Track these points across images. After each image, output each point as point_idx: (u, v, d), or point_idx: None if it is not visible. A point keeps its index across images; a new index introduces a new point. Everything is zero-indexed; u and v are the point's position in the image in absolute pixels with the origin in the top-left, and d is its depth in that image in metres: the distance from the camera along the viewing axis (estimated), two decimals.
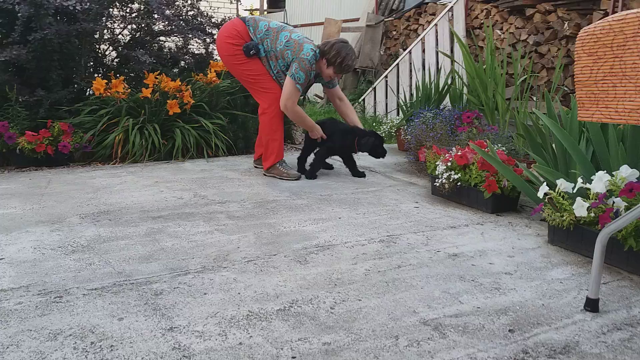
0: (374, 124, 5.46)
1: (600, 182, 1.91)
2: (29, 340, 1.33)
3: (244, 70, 3.26)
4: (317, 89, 9.33)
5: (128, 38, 4.54)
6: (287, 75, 3.17)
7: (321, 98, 8.31)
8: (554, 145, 2.50)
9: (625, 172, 1.91)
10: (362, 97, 6.25)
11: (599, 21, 1.44)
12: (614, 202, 1.89)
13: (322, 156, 3.39)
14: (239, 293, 1.63)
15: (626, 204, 1.86)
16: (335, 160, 3.82)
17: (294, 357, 1.27)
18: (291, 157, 4.08)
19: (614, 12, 4.06)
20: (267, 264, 1.87)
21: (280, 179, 3.29)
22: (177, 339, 1.35)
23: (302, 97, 3.70)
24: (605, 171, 1.94)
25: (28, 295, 1.59)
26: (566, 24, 4.52)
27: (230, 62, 3.29)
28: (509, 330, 1.40)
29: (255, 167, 3.64)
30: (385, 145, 3.46)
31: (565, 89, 4.45)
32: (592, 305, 1.53)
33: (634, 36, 1.35)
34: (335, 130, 3.38)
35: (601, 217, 1.86)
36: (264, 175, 3.38)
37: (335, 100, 3.53)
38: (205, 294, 1.62)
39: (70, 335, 1.36)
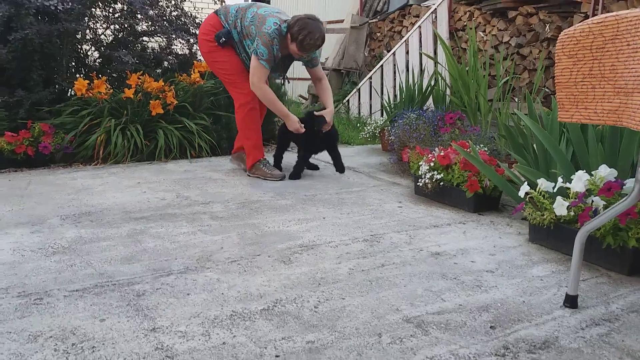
0: (358, 124, 5.48)
1: (579, 181, 1.94)
2: (9, 343, 1.32)
3: (219, 68, 3.26)
4: (302, 89, 9.33)
5: (111, 38, 4.49)
6: (252, 54, 3.09)
7: (305, 99, 8.32)
8: (534, 146, 2.53)
9: (604, 172, 1.94)
10: (347, 98, 6.27)
11: (578, 24, 1.47)
12: (593, 201, 1.92)
13: (304, 156, 3.37)
14: (222, 293, 1.62)
15: (605, 203, 1.89)
16: (320, 160, 3.82)
17: (277, 356, 1.27)
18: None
19: (593, 15, 4.13)
20: (250, 264, 1.87)
21: (264, 179, 3.27)
22: (160, 340, 1.34)
23: (281, 78, 3.60)
24: (584, 171, 1.98)
25: (7, 297, 1.57)
26: (547, 27, 4.59)
27: (208, 60, 3.29)
28: (490, 327, 1.42)
29: (230, 161, 3.61)
30: (369, 146, 3.48)
31: (547, 90, 4.52)
32: (571, 302, 1.55)
33: (612, 39, 1.37)
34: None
35: (580, 216, 1.90)
36: (248, 175, 3.37)
37: (315, 81, 3.44)
38: (188, 294, 1.61)
39: (51, 337, 1.35)
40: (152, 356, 1.26)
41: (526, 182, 2.14)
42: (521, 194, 2.11)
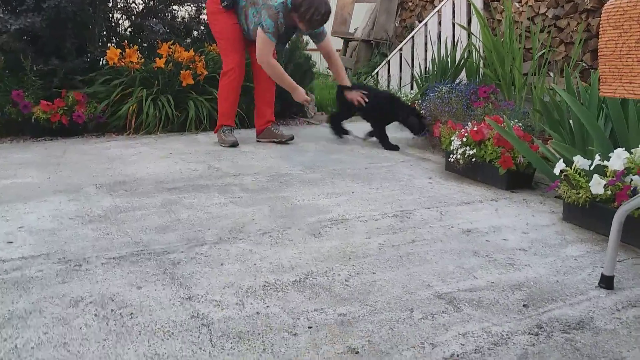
0: None
1: (618, 159, 1.89)
2: (51, 307, 1.37)
3: (216, 31, 3.31)
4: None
5: (141, 7, 4.49)
6: (258, 26, 3.12)
7: None
8: (571, 122, 2.47)
9: None
10: (376, 70, 6.18)
11: None
12: (631, 180, 1.87)
13: (382, 130, 3.47)
14: (255, 264, 1.65)
15: None
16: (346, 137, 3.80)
17: (310, 327, 1.29)
18: (303, 132, 4.08)
19: None
20: (282, 236, 1.89)
21: (220, 145, 3.36)
22: (196, 308, 1.37)
23: (282, 49, 3.68)
24: (623, 148, 1.92)
25: (48, 263, 1.62)
26: None
27: (209, 20, 3.35)
28: (523, 306, 1.41)
29: (258, 141, 3.60)
30: None
31: (584, 64, 4.37)
32: (606, 282, 1.53)
33: None
34: (379, 96, 3.50)
35: (618, 195, 1.85)
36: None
37: (325, 58, 3.48)
38: (222, 264, 1.64)
39: (91, 302, 1.39)
40: (189, 324, 1.30)
41: (561, 160, 2.09)
42: (556, 171, 2.07)
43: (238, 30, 3.27)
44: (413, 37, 5.76)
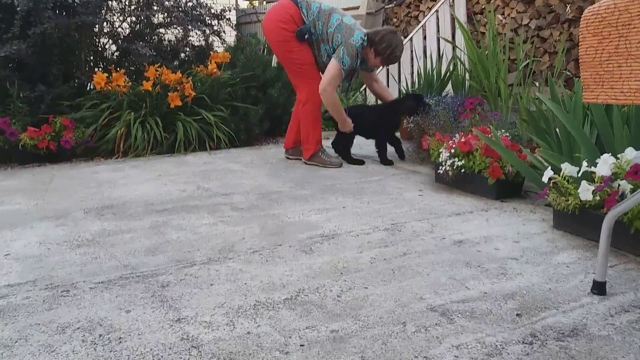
0: None
1: (605, 165, 1.90)
2: (38, 334, 1.34)
3: (294, 58, 3.27)
4: None
5: (128, 31, 4.52)
6: (332, 58, 3.17)
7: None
8: (557, 130, 2.48)
9: (631, 155, 1.89)
10: (364, 87, 6.22)
11: (603, 0, 1.43)
12: (619, 185, 1.88)
13: (383, 141, 3.51)
14: (245, 283, 1.63)
15: (632, 187, 1.85)
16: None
17: (302, 345, 1.27)
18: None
19: None
20: (272, 254, 1.87)
21: (323, 166, 3.34)
22: (185, 330, 1.35)
23: (347, 86, 3.79)
24: (610, 154, 1.93)
25: (35, 290, 1.59)
26: (568, 7, 4.49)
27: (281, 49, 3.28)
28: (517, 315, 1.40)
29: (287, 157, 3.61)
30: None
31: (568, 73, 4.42)
32: (599, 288, 1.52)
33: (639, 15, 1.33)
34: (368, 111, 3.58)
35: (607, 200, 1.86)
36: (305, 163, 3.43)
37: (372, 84, 3.65)
38: (211, 284, 1.62)
39: (79, 328, 1.37)
40: (178, 346, 1.27)
41: (549, 167, 2.10)
42: (545, 179, 2.07)
43: (313, 55, 3.30)
44: None
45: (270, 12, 3.31)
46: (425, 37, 5.67)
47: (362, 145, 3.86)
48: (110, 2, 4.33)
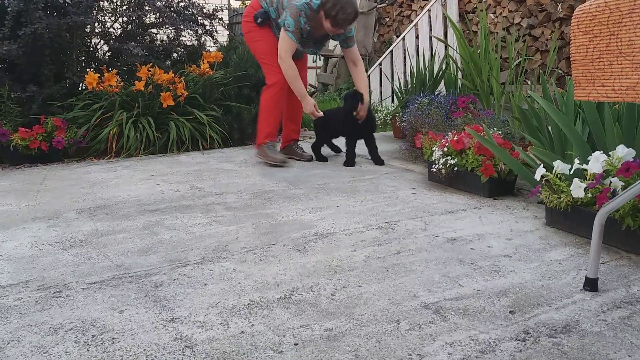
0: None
1: (596, 162, 1.91)
2: (30, 335, 1.33)
3: (256, 47, 3.33)
4: (311, 78, 9.27)
5: (119, 31, 4.50)
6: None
7: (314, 87, 8.27)
8: (549, 128, 2.50)
9: (622, 152, 1.91)
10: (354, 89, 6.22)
11: None
12: (611, 182, 1.89)
13: (347, 143, 3.40)
14: (239, 283, 1.62)
15: (623, 184, 1.86)
16: (330, 152, 3.80)
17: (296, 344, 1.27)
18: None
19: None
20: (266, 253, 1.87)
21: (266, 162, 3.32)
22: (179, 330, 1.34)
23: (316, 54, 3.68)
24: (601, 151, 1.94)
25: (27, 291, 1.58)
26: (559, 6, 4.51)
27: (247, 40, 3.38)
28: (510, 312, 1.41)
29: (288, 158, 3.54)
30: (381, 133, 3.48)
31: (560, 71, 4.45)
32: (591, 285, 1.53)
33: (629, 12, 1.34)
34: (337, 114, 3.44)
35: (598, 198, 1.87)
36: (257, 156, 3.39)
37: (350, 65, 3.44)
38: (205, 284, 1.62)
39: (71, 329, 1.36)
40: (172, 346, 1.27)
41: (542, 165, 2.11)
42: (537, 177, 2.08)
43: (276, 41, 3.25)
44: (392, 51, 5.82)
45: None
46: (417, 36, 5.68)
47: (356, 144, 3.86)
48: (101, 3, 4.30)
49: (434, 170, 2.74)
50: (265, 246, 1.94)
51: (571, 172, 2.03)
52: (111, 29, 4.48)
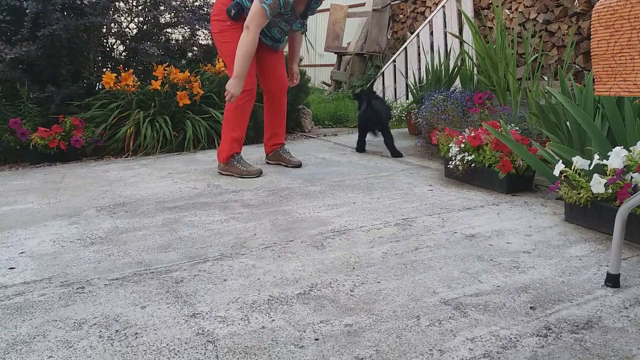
0: None
1: (617, 157, 1.89)
2: (55, 330, 1.35)
3: (227, 49, 2.98)
4: (325, 75, 9.28)
5: (135, 31, 4.54)
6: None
7: (328, 85, 8.28)
8: (568, 123, 2.48)
9: None
10: (370, 83, 6.22)
11: None
12: (632, 178, 1.87)
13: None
14: (258, 279, 1.64)
15: None
16: (345, 146, 3.80)
17: (317, 339, 1.28)
18: (301, 145, 4.08)
19: None
20: (284, 249, 1.88)
21: (239, 177, 3.02)
22: (201, 325, 1.36)
23: (303, 32, 3.28)
24: (622, 146, 1.92)
25: (51, 287, 1.61)
26: (576, 1, 4.46)
27: (217, 40, 3.06)
28: (530, 308, 1.40)
29: (267, 162, 3.40)
30: (396, 130, 3.49)
31: (577, 67, 4.40)
32: (613, 281, 1.52)
33: None
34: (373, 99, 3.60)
35: (619, 193, 1.85)
36: (220, 173, 3.10)
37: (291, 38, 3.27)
38: (225, 280, 1.63)
39: (95, 324, 1.38)
40: (194, 341, 1.28)
41: (560, 161, 2.09)
42: (556, 172, 2.07)
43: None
44: (406, 48, 5.80)
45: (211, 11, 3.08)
46: (432, 33, 5.66)
47: (372, 142, 3.87)
48: (117, 3, 4.34)
49: (451, 166, 2.73)
50: (283, 243, 1.95)
51: (591, 168, 2.01)
52: (127, 29, 4.53)
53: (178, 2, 4.45)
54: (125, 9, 4.47)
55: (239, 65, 2.82)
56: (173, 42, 4.77)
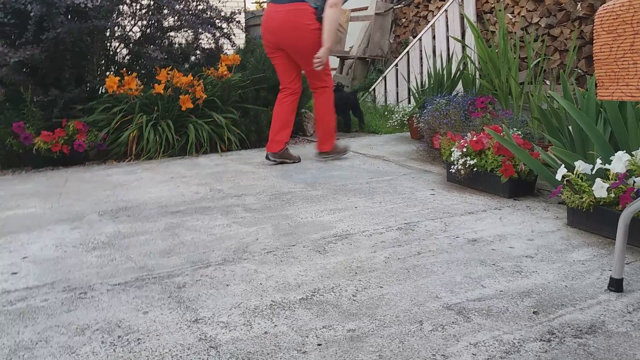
0: (385, 113, 5.44)
1: (619, 162, 1.89)
2: (58, 336, 1.35)
3: (318, 46, 3.26)
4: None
5: (138, 35, 4.55)
6: None
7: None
8: (570, 128, 2.47)
9: None
10: (373, 87, 6.22)
11: None
12: (634, 182, 1.87)
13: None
14: (260, 283, 1.64)
15: None
16: (351, 152, 3.81)
17: (319, 345, 1.28)
18: (303, 150, 4.09)
19: None
20: (286, 254, 1.88)
21: (343, 155, 3.61)
22: (203, 330, 1.36)
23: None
24: (624, 151, 1.92)
25: (53, 292, 1.61)
26: (579, 5, 4.46)
27: (314, 44, 3.26)
28: (534, 312, 1.40)
29: (274, 161, 3.47)
30: (398, 134, 3.49)
31: (579, 71, 4.40)
32: (616, 285, 1.51)
33: None
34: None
35: (622, 198, 1.85)
36: (325, 159, 3.59)
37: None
38: (227, 285, 1.63)
39: (97, 329, 1.38)
40: (196, 347, 1.28)
41: (563, 165, 2.09)
42: (558, 177, 2.06)
43: None
44: (408, 52, 5.81)
45: (297, 19, 3.20)
46: (434, 37, 5.66)
47: (373, 146, 3.87)
48: (121, 7, 4.36)
49: (453, 170, 2.73)
50: (285, 247, 1.95)
51: (593, 172, 2.01)
52: (130, 33, 4.54)
53: (181, 6, 4.46)
54: (129, 13, 4.49)
55: (333, 32, 3.25)
56: (176, 46, 4.78)
